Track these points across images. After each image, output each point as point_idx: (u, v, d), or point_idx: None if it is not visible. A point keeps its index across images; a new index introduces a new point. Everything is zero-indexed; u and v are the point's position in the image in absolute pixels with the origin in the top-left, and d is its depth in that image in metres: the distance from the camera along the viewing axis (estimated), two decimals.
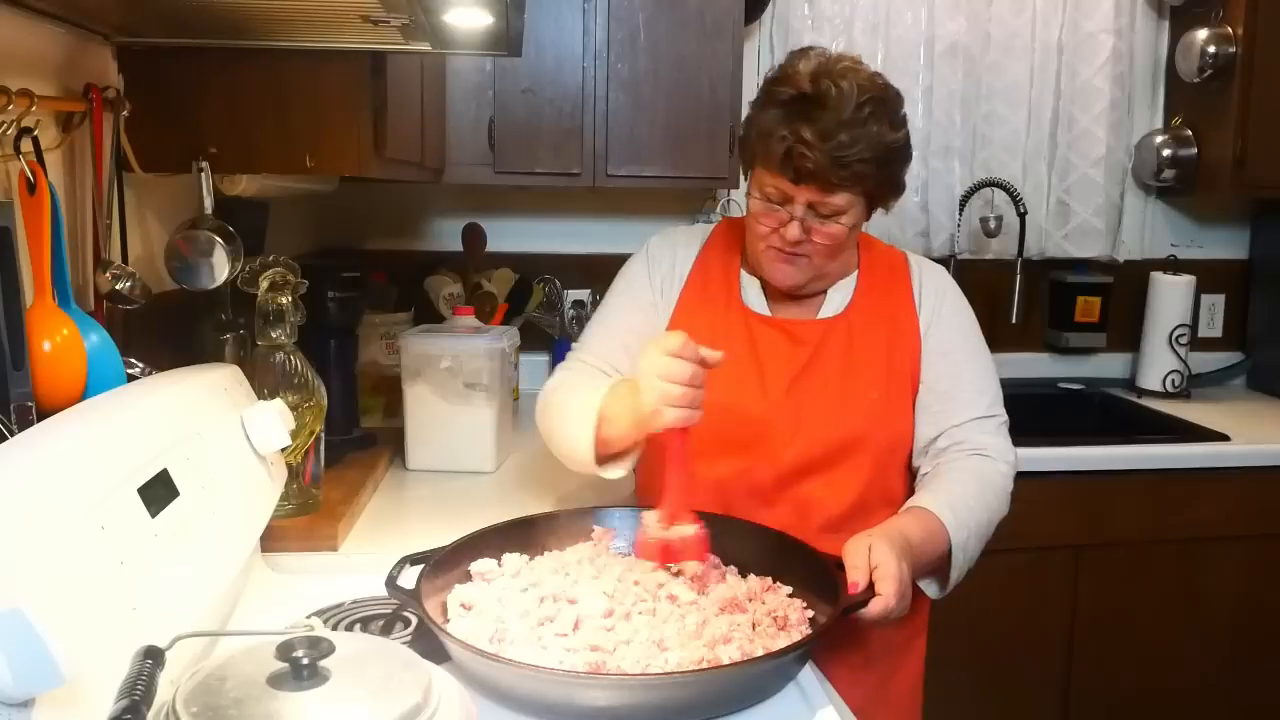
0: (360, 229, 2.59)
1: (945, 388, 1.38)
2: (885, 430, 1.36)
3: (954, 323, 1.41)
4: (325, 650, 0.74)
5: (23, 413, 0.95)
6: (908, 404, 1.38)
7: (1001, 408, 1.41)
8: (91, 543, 0.78)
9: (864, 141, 1.23)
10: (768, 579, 1.20)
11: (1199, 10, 2.62)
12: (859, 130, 1.23)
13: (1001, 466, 1.36)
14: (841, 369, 1.36)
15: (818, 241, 1.30)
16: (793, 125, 1.23)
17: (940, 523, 1.24)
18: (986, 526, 1.31)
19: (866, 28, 2.60)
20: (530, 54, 2.13)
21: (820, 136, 1.22)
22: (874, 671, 1.38)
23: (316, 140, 1.33)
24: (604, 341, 1.43)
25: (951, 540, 1.24)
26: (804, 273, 1.34)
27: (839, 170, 1.23)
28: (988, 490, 1.32)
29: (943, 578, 1.30)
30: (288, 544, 1.38)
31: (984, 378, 1.41)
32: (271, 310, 1.36)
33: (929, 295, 1.41)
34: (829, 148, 1.22)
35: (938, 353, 1.39)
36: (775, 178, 1.28)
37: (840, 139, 1.22)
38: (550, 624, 1.05)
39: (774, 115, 1.26)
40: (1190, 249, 2.87)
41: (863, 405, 1.35)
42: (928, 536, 1.23)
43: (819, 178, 1.24)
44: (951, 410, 1.37)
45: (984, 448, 1.35)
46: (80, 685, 0.70)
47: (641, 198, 2.63)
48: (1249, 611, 2.31)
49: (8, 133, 1.00)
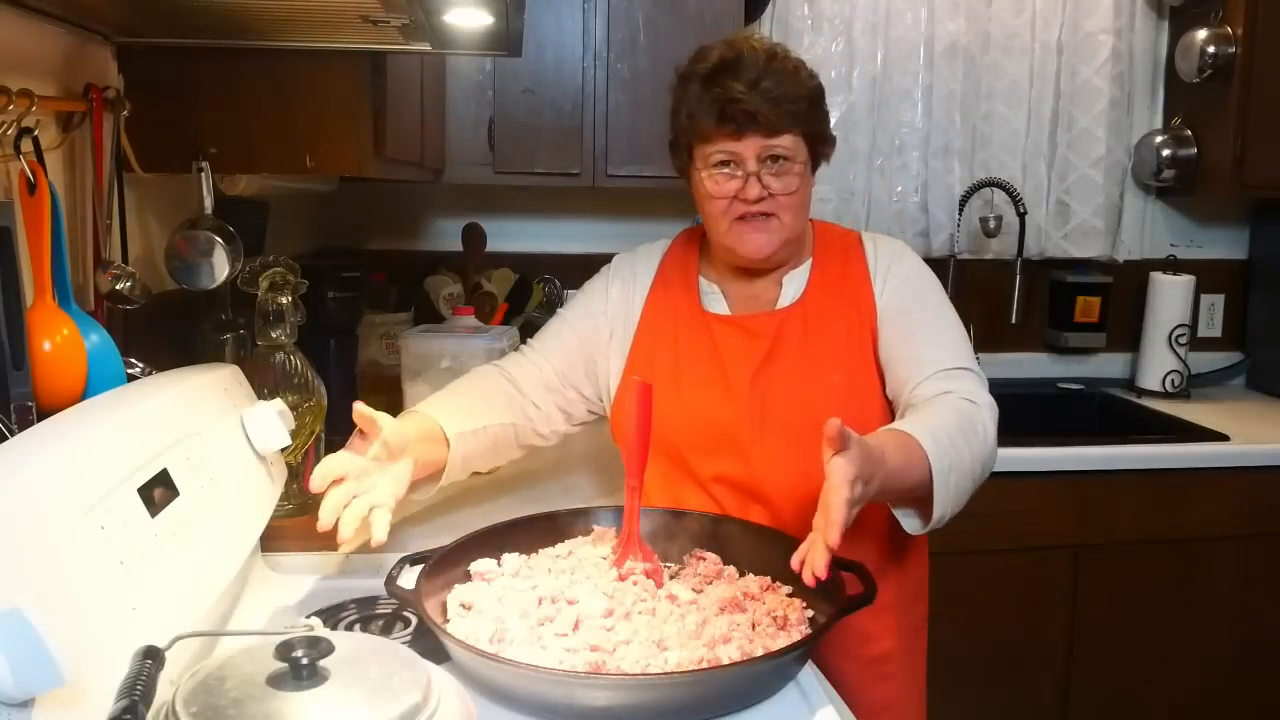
0: (360, 229, 2.59)
1: (904, 350, 1.32)
2: (854, 410, 1.28)
3: (909, 285, 1.38)
4: (325, 650, 0.74)
5: (23, 413, 0.95)
6: (874, 380, 1.35)
7: (972, 362, 1.33)
8: (91, 543, 0.78)
9: (789, 82, 1.29)
10: (767, 579, 1.20)
11: (1199, 10, 2.62)
12: (780, 75, 1.29)
13: (985, 414, 1.26)
14: (801, 356, 1.36)
15: (778, 194, 1.31)
16: (719, 83, 1.29)
17: (918, 444, 1.13)
18: (970, 466, 1.19)
19: (866, 28, 2.60)
20: (530, 54, 2.13)
21: (748, 86, 1.27)
22: (875, 672, 1.38)
23: (316, 140, 1.34)
24: (547, 338, 1.51)
25: (933, 468, 1.13)
26: (775, 235, 1.34)
27: (775, 108, 1.28)
28: (970, 429, 1.22)
29: (924, 511, 1.19)
30: (288, 544, 1.38)
31: (947, 334, 1.34)
32: (271, 310, 1.36)
33: (882, 266, 1.39)
34: (760, 91, 1.27)
35: (892, 315, 1.35)
36: (718, 141, 1.31)
37: (766, 84, 1.28)
38: (550, 624, 1.05)
39: (698, 87, 1.31)
40: (1190, 249, 2.87)
41: (826, 390, 1.33)
42: (902, 453, 1.11)
43: (759, 121, 1.28)
44: (916, 369, 1.30)
45: (954, 390, 1.26)
46: (80, 685, 0.70)
47: (641, 198, 2.63)
48: (1249, 611, 2.31)
49: (8, 133, 1.00)
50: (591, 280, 1.55)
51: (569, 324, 1.50)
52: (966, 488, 1.20)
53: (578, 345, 1.48)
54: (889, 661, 1.40)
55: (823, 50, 2.60)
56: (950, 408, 1.23)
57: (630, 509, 1.23)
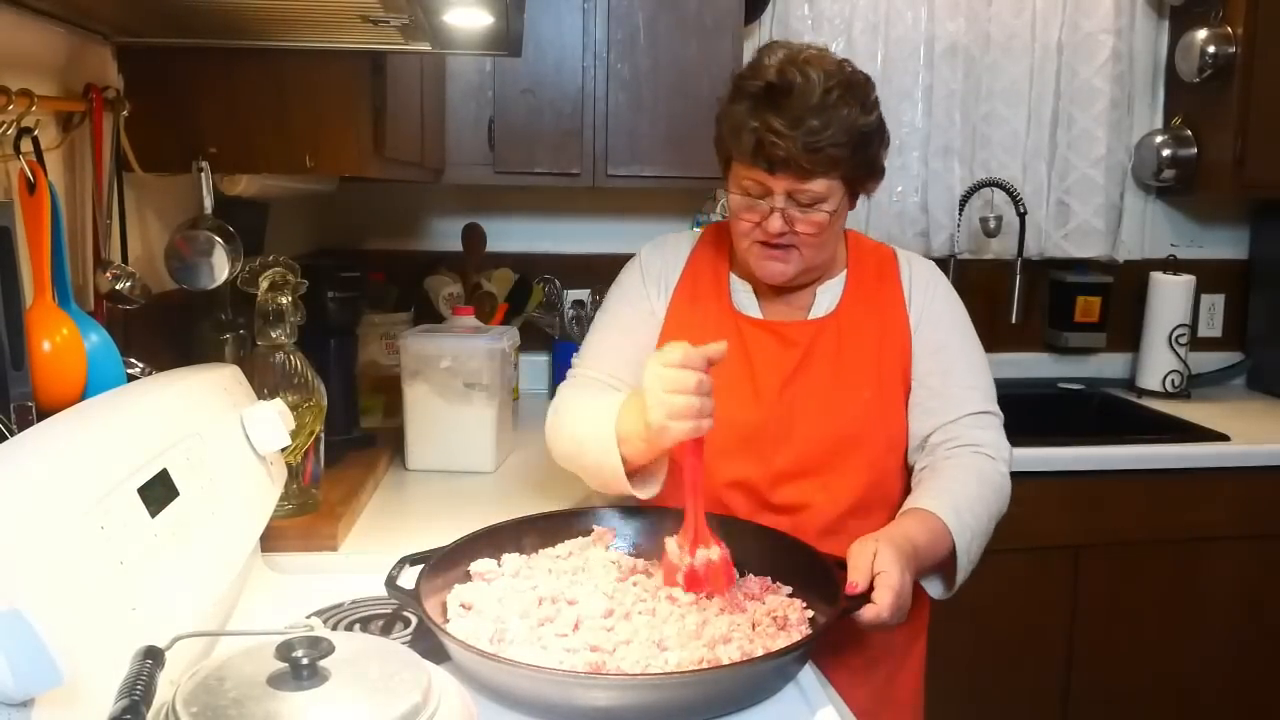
0: (360, 229, 2.59)
1: (937, 384, 1.37)
2: (879, 430, 1.35)
3: (945, 318, 1.40)
4: (325, 650, 0.74)
5: (23, 413, 0.95)
6: (900, 402, 1.37)
7: (995, 403, 1.40)
8: (91, 543, 0.78)
9: (835, 125, 1.23)
10: (767, 579, 1.20)
11: (1199, 10, 2.62)
12: (829, 115, 1.23)
13: (1001, 466, 1.36)
14: (833, 370, 1.36)
15: (802, 232, 1.29)
16: (761, 116, 1.24)
17: (944, 526, 1.23)
18: (988, 525, 1.31)
19: (866, 28, 2.60)
20: (530, 54, 2.13)
21: (790, 124, 1.22)
22: (876, 673, 1.38)
23: (316, 140, 1.34)
24: (604, 353, 1.42)
25: (956, 544, 1.24)
26: (792, 267, 1.33)
27: (811, 155, 1.23)
28: (987, 488, 1.32)
29: (947, 579, 1.30)
30: (288, 544, 1.38)
31: (976, 373, 1.40)
32: (271, 310, 1.36)
33: (919, 290, 1.41)
34: (799, 134, 1.22)
35: (929, 349, 1.38)
36: (751, 170, 1.27)
37: (810, 124, 1.22)
38: (550, 624, 1.05)
39: (743, 108, 1.27)
40: (1190, 249, 2.87)
41: (855, 406, 1.34)
42: (932, 540, 1.22)
43: (793, 165, 1.24)
44: (945, 407, 1.36)
45: (981, 444, 1.34)
46: (80, 685, 0.70)
47: (641, 198, 2.63)
48: (1249, 611, 2.31)
49: (8, 133, 1.00)
50: (623, 280, 1.48)
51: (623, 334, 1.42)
52: (984, 545, 1.30)
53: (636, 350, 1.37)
54: (889, 661, 1.40)
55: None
56: (972, 471, 1.32)
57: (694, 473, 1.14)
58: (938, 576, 1.31)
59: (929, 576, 1.30)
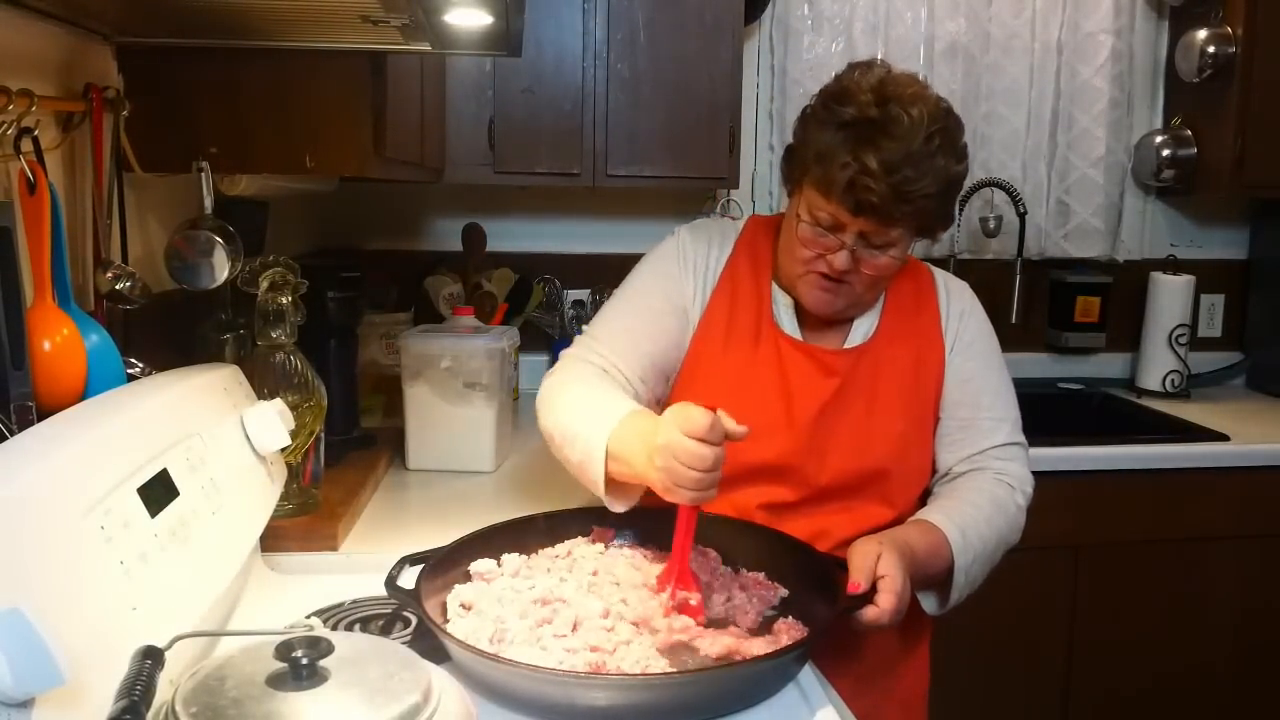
0: (360, 229, 2.59)
1: (966, 415, 1.36)
2: (906, 464, 1.34)
3: (977, 348, 1.39)
4: (325, 650, 0.74)
5: (23, 413, 0.95)
6: (929, 434, 1.36)
7: (1021, 433, 1.39)
8: (91, 543, 0.78)
9: (930, 176, 1.17)
10: (760, 574, 1.20)
11: (1199, 10, 2.62)
12: (926, 164, 1.16)
13: (1018, 497, 1.35)
14: (867, 402, 1.33)
15: (865, 273, 1.25)
16: (857, 152, 1.16)
17: (947, 543, 1.22)
18: (994, 552, 1.30)
19: (866, 28, 2.60)
20: (530, 54, 2.13)
21: (886, 169, 1.15)
22: (879, 681, 1.37)
23: (316, 140, 1.33)
24: (618, 334, 1.33)
25: (955, 563, 1.23)
26: (842, 300, 1.29)
27: (902, 205, 1.17)
28: (1000, 516, 1.30)
29: (941, 595, 1.29)
30: (288, 544, 1.38)
31: (1004, 404, 1.39)
32: (271, 310, 1.36)
33: (954, 317, 1.39)
34: (894, 181, 1.15)
35: (960, 379, 1.36)
36: (831, 204, 1.20)
37: (906, 173, 1.15)
38: (550, 624, 1.05)
39: (836, 138, 1.19)
40: (1190, 249, 2.87)
41: (886, 439, 1.32)
42: (931, 553, 1.21)
43: (880, 211, 1.18)
44: (972, 439, 1.36)
45: (1004, 473, 1.35)
46: (80, 685, 0.70)
47: (641, 198, 2.63)
48: (1249, 611, 2.31)
49: (8, 133, 1.00)
50: (660, 264, 1.38)
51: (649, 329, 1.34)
52: (986, 570, 1.31)
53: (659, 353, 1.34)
54: (889, 661, 1.39)
55: (822, 50, 2.60)
56: (987, 495, 1.31)
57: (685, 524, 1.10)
58: (932, 591, 1.30)
59: (924, 591, 1.29)
